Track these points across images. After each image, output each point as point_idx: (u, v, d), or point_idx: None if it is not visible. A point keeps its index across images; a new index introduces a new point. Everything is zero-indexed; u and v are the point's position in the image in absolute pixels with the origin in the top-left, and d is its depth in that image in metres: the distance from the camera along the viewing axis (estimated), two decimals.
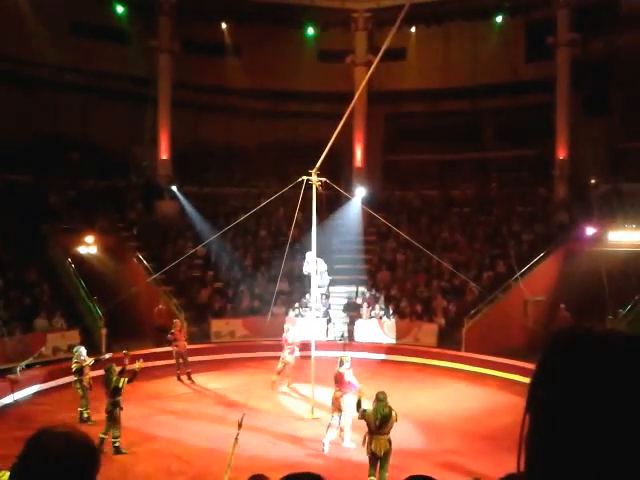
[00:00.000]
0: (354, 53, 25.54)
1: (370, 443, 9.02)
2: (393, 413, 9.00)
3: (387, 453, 8.98)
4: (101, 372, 12.00)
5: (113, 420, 10.71)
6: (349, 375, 11.07)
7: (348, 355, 11.70)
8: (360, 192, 23.50)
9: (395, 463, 9.27)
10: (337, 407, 11.04)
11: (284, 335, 15.60)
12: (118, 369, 11.19)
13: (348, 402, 10.93)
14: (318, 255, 14.84)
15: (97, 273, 19.66)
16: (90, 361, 12.76)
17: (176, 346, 16.23)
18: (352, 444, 11.05)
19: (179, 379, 16.04)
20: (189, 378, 16.05)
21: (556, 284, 19.69)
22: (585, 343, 0.83)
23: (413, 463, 10.19)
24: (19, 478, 1.36)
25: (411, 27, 25.20)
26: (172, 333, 16.32)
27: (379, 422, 8.93)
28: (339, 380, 11.09)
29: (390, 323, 19.83)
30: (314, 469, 1.82)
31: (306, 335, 15.71)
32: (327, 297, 20.44)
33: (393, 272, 22.13)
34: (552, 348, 0.85)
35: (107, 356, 13.18)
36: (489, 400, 14.16)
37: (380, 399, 9.08)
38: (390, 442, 9.01)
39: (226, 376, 16.35)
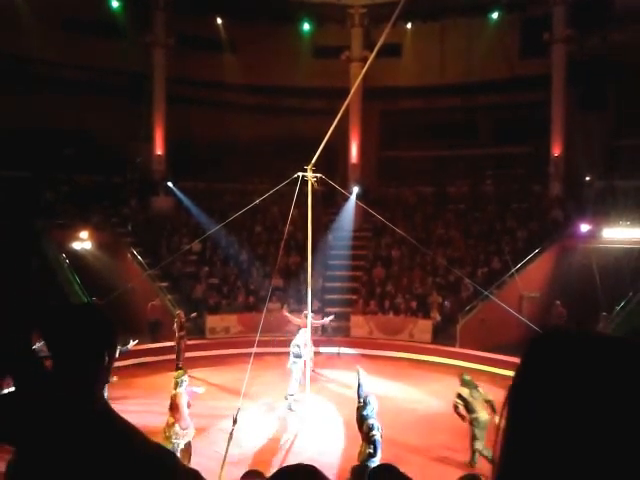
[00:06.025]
0: (350, 49, 25.51)
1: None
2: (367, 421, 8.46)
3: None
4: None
5: None
6: (181, 400, 9.43)
7: (185, 374, 9.84)
8: (355, 188, 23.53)
9: (390, 458, 9.30)
10: (167, 437, 9.29)
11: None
12: None
13: (180, 433, 9.38)
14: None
15: (92, 269, 19.61)
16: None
17: (182, 337, 16.39)
18: None
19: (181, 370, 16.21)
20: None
21: (551, 280, 19.76)
22: (563, 344, 0.84)
23: (407, 458, 10.22)
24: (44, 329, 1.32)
25: (407, 23, 25.21)
26: (183, 322, 16.47)
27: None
28: (174, 405, 9.44)
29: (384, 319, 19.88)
30: (310, 463, 1.82)
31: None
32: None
33: (388, 268, 22.16)
34: (531, 349, 0.87)
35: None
36: None
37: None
38: (366, 452, 8.40)
39: (221, 372, 16.36)
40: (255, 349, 12.40)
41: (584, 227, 19.79)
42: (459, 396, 9.97)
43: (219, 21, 25.54)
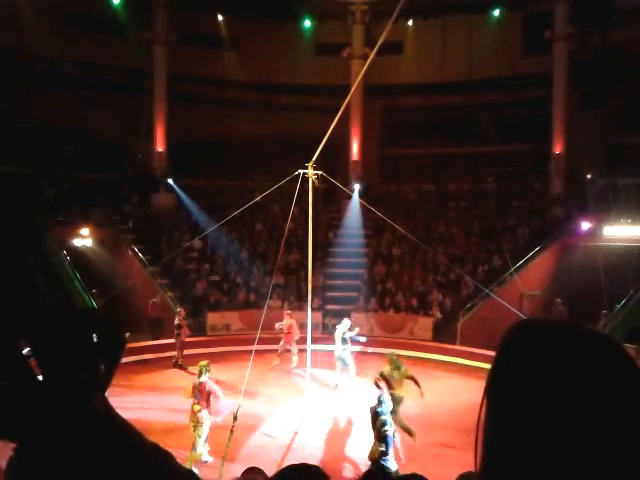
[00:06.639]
0: (351, 46, 25.50)
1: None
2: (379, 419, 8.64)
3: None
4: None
5: None
6: (211, 385, 10.05)
7: (209, 364, 10.42)
8: (357, 186, 23.51)
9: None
10: (195, 421, 9.88)
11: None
12: None
13: (207, 416, 9.97)
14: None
15: (93, 266, 19.62)
16: None
17: (180, 334, 16.43)
18: (209, 458, 10.14)
19: (176, 365, 16.32)
20: (183, 367, 16.38)
21: (551, 278, 19.74)
22: (537, 334, 0.86)
23: (407, 455, 10.24)
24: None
25: (408, 20, 25.18)
26: (180, 320, 16.51)
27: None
28: (200, 392, 9.94)
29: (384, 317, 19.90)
30: (310, 461, 1.83)
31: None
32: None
33: (389, 266, 22.16)
34: (506, 339, 0.89)
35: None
36: None
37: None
38: (379, 450, 8.49)
39: (222, 369, 16.34)
40: (256, 346, 12.41)
41: (585, 225, 19.77)
42: (381, 374, 10.86)
43: (220, 18, 25.49)
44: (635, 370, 0.82)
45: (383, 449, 8.39)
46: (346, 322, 15.49)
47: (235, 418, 9.62)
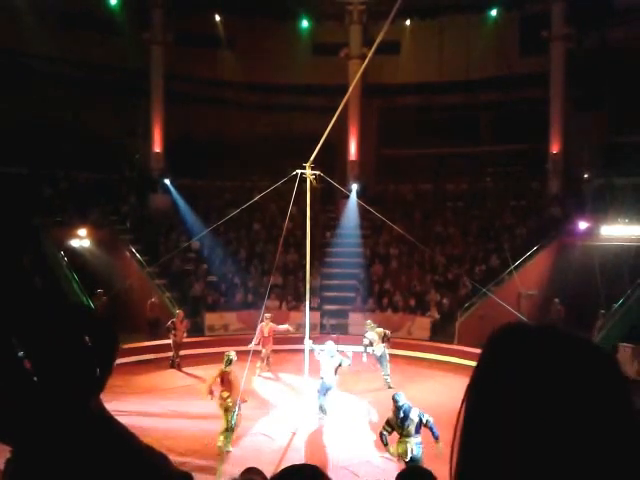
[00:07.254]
0: (348, 46, 25.48)
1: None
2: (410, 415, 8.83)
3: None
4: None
5: None
6: (235, 376, 10.47)
7: (233, 352, 10.80)
8: (354, 186, 23.51)
9: (389, 455, 9.32)
10: (225, 408, 10.25)
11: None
12: None
13: (235, 403, 10.26)
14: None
15: (90, 266, 19.58)
16: None
17: (174, 335, 16.41)
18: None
19: (172, 366, 16.41)
20: (179, 367, 16.35)
21: (549, 278, 19.76)
22: (521, 339, 0.86)
23: None
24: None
25: (405, 20, 25.20)
26: (172, 322, 16.49)
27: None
28: (224, 380, 10.43)
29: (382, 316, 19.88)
30: (309, 461, 1.83)
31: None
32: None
33: (387, 266, 22.16)
34: (490, 343, 0.90)
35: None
36: None
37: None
38: (414, 444, 8.79)
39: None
40: (253, 346, 12.41)
41: (582, 224, 19.79)
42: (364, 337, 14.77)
43: (217, 18, 25.46)
44: (618, 374, 0.82)
45: (419, 440, 8.71)
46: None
47: (233, 417, 9.63)
